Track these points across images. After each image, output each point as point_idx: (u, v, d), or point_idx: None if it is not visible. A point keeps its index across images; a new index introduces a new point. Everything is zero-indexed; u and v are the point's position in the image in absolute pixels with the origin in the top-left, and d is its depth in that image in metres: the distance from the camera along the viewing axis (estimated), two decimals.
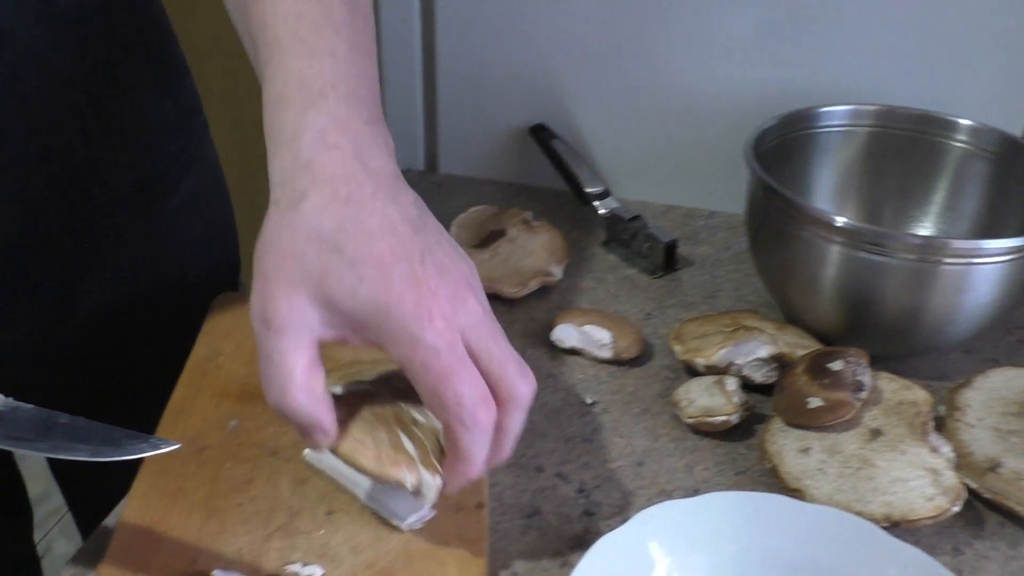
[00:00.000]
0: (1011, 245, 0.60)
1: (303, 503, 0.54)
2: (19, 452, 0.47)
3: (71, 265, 0.62)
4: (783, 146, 0.73)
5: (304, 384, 0.44)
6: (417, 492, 0.48)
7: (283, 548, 0.51)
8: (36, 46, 0.55)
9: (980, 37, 0.77)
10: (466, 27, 0.87)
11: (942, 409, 0.61)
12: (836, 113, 0.75)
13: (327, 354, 0.66)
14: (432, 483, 0.47)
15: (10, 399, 0.48)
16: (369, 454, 0.48)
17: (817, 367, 0.59)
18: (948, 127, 0.73)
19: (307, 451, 0.57)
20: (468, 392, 0.43)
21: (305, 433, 0.46)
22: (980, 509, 0.57)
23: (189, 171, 0.70)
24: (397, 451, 0.48)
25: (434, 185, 0.94)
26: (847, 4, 0.78)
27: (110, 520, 0.55)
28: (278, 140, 0.45)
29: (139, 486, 0.55)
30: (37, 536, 1.64)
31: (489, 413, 0.44)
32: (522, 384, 0.46)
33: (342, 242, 0.42)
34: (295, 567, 0.50)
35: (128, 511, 0.53)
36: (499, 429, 0.45)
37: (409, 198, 0.46)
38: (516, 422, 0.46)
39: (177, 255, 0.70)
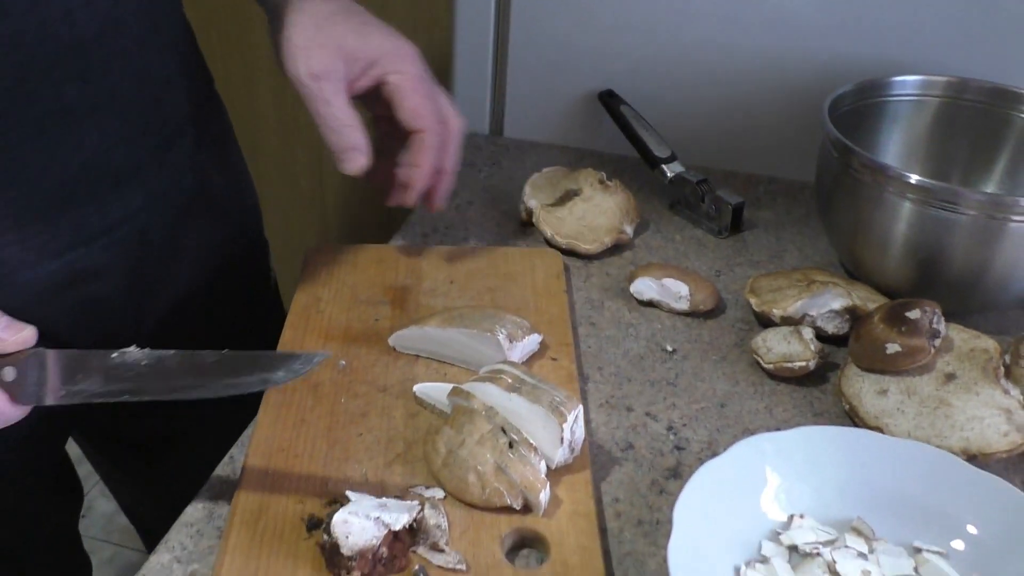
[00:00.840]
0: None
1: (417, 434, 0.58)
2: (194, 397, 0.51)
3: (146, 194, 0.64)
4: (855, 112, 0.76)
5: (350, 116, 0.63)
6: (526, 508, 0.53)
7: (404, 473, 0.55)
8: None
9: None
10: None
11: (1007, 358, 0.65)
12: (909, 83, 0.78)
13: (425, 303, 0.71)
14: (538, 500, 0.52)
15: (146, 349, 0.51)
16: (475, 491, 0.53)
17: (895, 315, 0.62)
18: (1017, 99, 0.76)
19: (417, 387, 0.61)
20: (445, 102, 0.67)
21: (347, 153, 0.64)
22: None
23: (212, 122, 0.73)
24: (499, 478, 0.52)
25: (501, 148, 0.97)
26: None
27: (235, 451, 0.59)
28: None
29: (264, 418, 0.59)
30: None
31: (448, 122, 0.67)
32: (458, 114, 0.68)
33: (345, 15, 0.64)
34: (419, 489, 0.54)
35: (256, 441, 0.57)
36: (446, 147, 0.67)
37: None
38: (458, 142, 0.68)
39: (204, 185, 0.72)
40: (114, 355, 0.51)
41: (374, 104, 0.67)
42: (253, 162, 0.82)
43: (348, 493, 0.52)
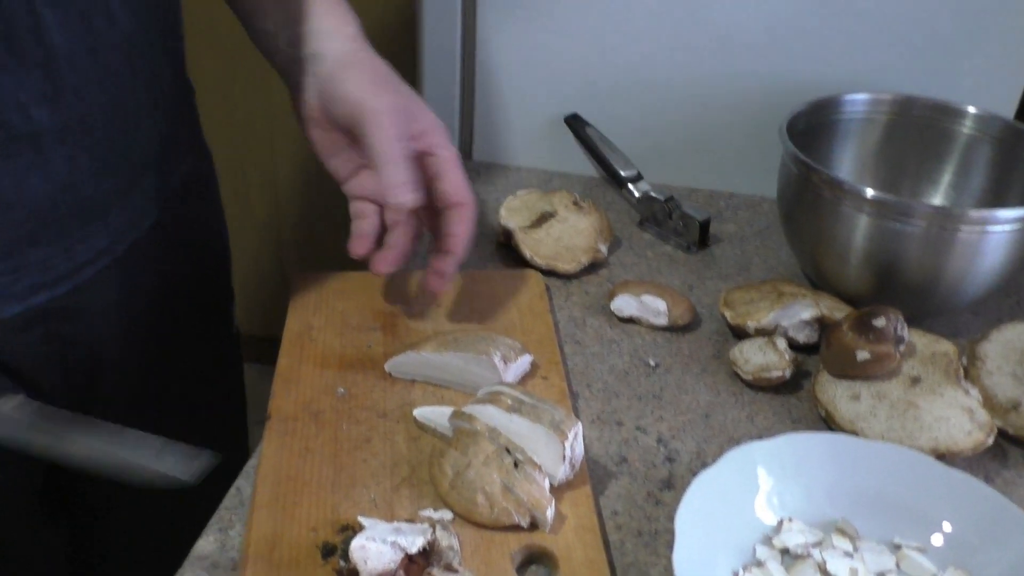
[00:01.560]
0: (1021, 214, 0.69)
1: (420, 457, 0.60)
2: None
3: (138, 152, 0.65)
4: (810, 129, 0.80)
5: (408, 154, 0.64)
6: (533, 525, 0.55)
7: (412, 496, 0.57)
8: None
9: (975, 30, 0.85)
10: (505, 22, 0.92)
11: (964, 360, 0.70)
12: (859, 100, 0.83)
13: (415, 328, 0.72)
14: (545, 517, 0.54)
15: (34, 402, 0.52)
16: (483, 512, 0.55)
17: (862, 324, 0.66)
18: (959, 115, 0.81)
19: (416, 411, 0.62)
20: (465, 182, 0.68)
21: (403, 187, 0.63)
22: (1004, 445, 0.66)
23: (184, 163, 0.74)
24: (506, 497, 0.55)
25: (471, 172, 0.99)
26: (850, 5, 0.86)
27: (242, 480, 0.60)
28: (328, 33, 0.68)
29: (268, 447, 0.60)
30: None
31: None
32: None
33: (395, 78, 0.68)
34: (427, 512, 0.56)
35: (263, 471, 0.58)
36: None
37: None
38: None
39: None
40: None
41: None
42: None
43: (361, 519, 0.54)
